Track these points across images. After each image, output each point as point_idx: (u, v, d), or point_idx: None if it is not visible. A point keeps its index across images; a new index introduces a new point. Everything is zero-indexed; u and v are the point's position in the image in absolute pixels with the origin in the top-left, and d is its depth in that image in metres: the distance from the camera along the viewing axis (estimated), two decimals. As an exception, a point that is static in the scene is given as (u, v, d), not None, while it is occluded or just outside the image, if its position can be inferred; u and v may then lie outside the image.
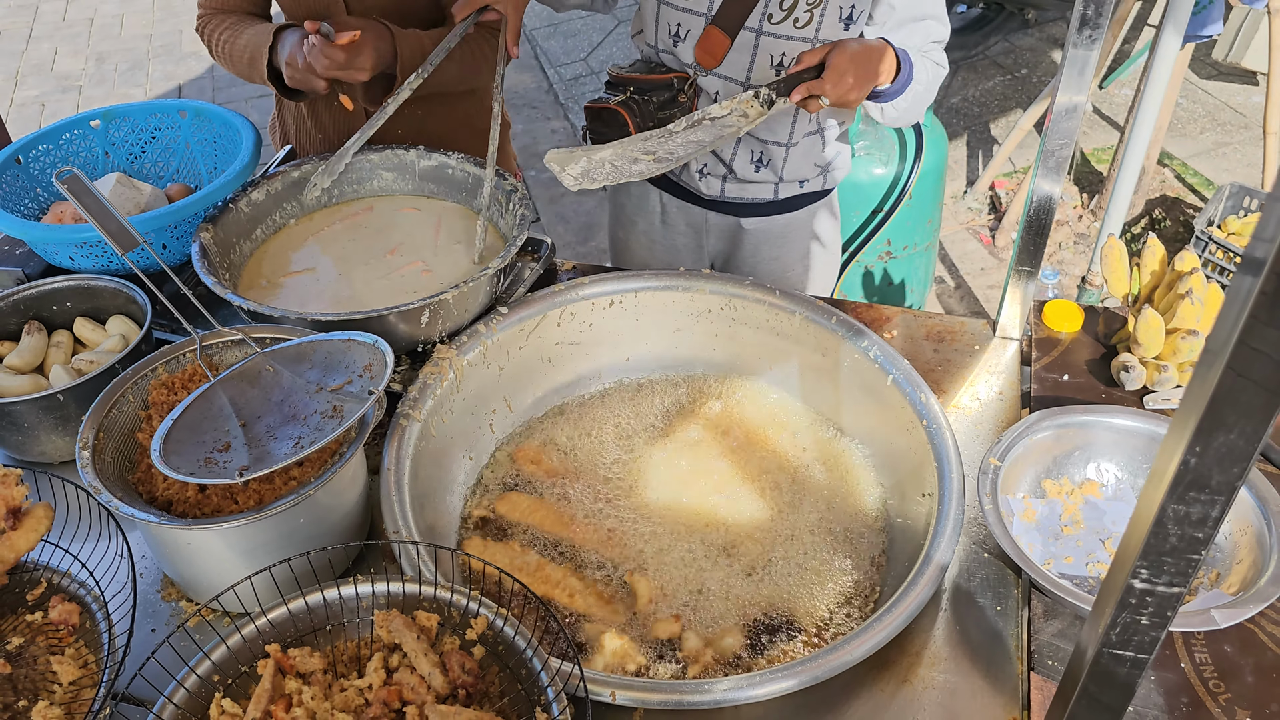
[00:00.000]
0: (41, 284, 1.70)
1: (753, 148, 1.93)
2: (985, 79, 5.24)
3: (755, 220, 2.06)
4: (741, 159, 1.95)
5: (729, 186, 2.00)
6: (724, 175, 1.99)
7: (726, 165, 1.97)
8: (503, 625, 1.20)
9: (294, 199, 1.87)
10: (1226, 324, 0.58)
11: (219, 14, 2.00)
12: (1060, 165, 1.55)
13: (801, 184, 2.01)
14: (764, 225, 2.07)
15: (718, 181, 2.00)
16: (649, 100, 1.87)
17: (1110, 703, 0.81)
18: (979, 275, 4.04)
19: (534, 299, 1.70)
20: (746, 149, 1.94)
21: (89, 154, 2.08)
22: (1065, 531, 1.41)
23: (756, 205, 2.04)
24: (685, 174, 2.04)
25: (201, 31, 2.02)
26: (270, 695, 1.15)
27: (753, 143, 1.92)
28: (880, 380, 1.57)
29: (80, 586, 1.35)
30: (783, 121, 1.89)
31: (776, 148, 1.93)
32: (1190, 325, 1.57)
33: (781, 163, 1.96)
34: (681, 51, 1.87)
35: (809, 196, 2.06)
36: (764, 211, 2.05)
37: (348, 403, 1.33)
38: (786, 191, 2.01)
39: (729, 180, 1.99)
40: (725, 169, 1.98)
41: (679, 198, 2.10)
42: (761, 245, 2.09)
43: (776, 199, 2.03)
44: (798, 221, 2.08)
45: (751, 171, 1.97)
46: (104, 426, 1.37)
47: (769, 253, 2.10)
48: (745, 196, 2.02)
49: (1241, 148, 4.61)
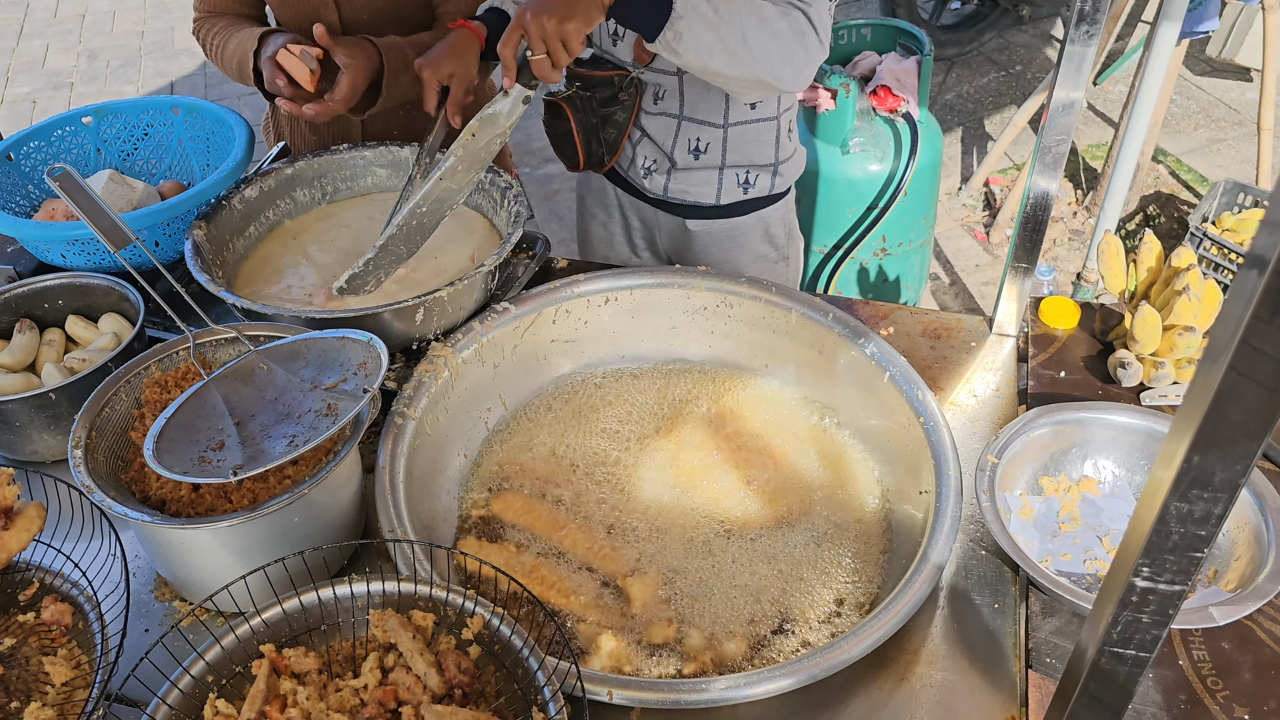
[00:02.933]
0: (33, 282, 1.69)
1: (689, 134, 1.90)
2: (980, 75, 5.24)
3: (700, 222, 2.02)
4: (680, 148, 1.92)
5: (671, 184, 1.96)
6: (668, 169, 1.95)
7: (668, 155, 1.94)
8: (499, 624, 1.20)
9: (288, 196, 1.86)
10: (1229, 323, 0.57)
11: (212, 16, 2.01)
12: (1057, 162, 1.55)
13: (745, 188, 1.96)
14: (710, 228, 2.02)
15: (661, 178, 1.97)
16: (592, 97, 1.87)
17: (1111, 702, 0.81)
18: (974, 272, 4.04)
19: (529, 296, 1.70)
20: (685, 136, 1.90)
21: (80, 151, 2.07)
22: (1063, 529, 1.40)
23: (700, 208, 1.99)
24: (631, 170, 2.01)
25: (197, 34, 2.03)
26: (265, 696, 1.14)
27: (689, 127, 1.89)
28: (877, 377, 1.57)
29: (73, 587, 1.34)
30: (709, 99, 1.85)
31: (712, 129, 1.87)
32: (1187, 322, 1.57)
33: (720, 150, 1.90)
34: (620, 50, 1.86)
35: (755, 202, 2.00)
36: (708, 215, 2.01)
37: (342, 401, 1.33)
38: (729, 196, 1.96)
39: (671, 175, 1.95)
40: (668, 161, 1.94)
41: (630, 194, 2.08)
42: (710, 247, 2.05)
43: (719, 204, 1.97)
44: (745, 225, 2.02)
45: (691, 160, 1.92)
46: (96, 425, 1.36)
47: (718, 255, 2.06)
48: (688, 197, 1.97)
49: (1236, 144, 4.62)
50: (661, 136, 1.92)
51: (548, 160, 4.75)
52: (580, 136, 1.91)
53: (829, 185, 3.27)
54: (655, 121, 1.91)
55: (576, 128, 1.89)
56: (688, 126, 1.89)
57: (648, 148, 1.95)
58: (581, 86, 1.88)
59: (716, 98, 1.85)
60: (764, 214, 2.03)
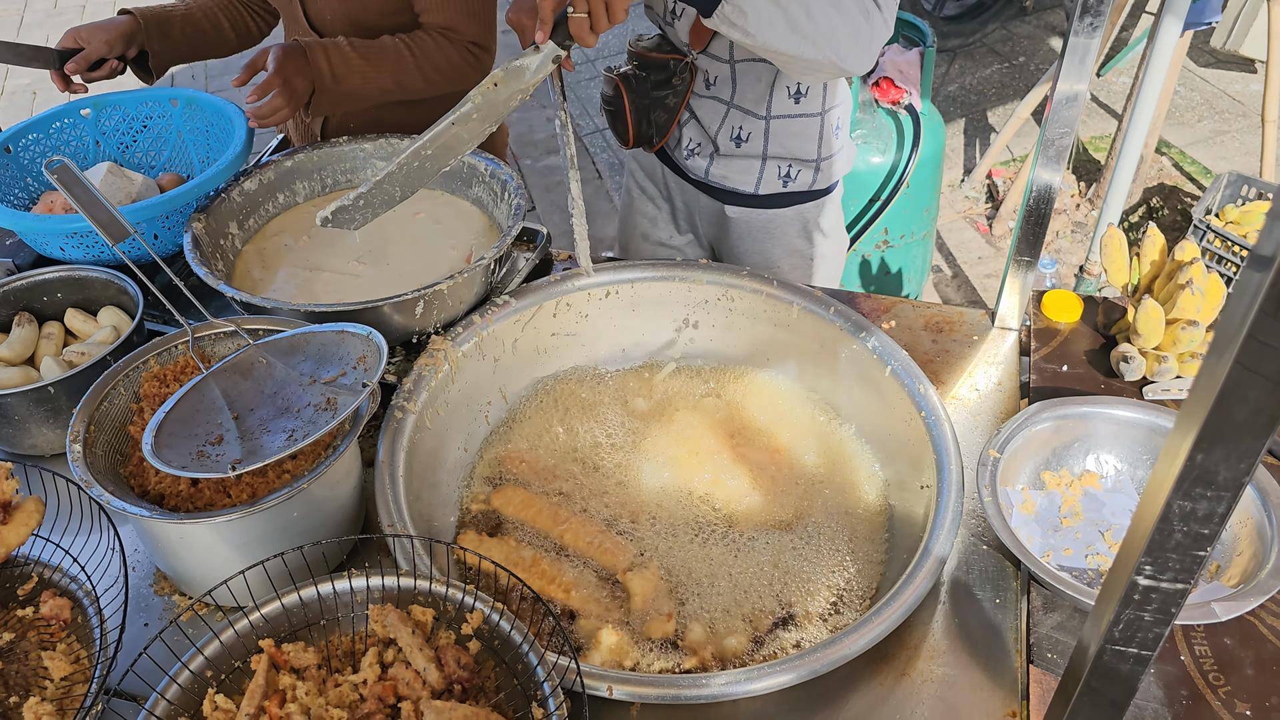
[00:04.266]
0: (32, 275, 1.68)
1: (734, 122, 1.91)
2: (983, 67, 5.22)
3: (738, 210, 2.02)
4: (725, 134, 1.93)
5: (713, 168, 1.98)
6: (710, 154, 1.97)
7: (711, 140, 1.95)
8: (499, 620, 1.19)
9: (287, 189, 1.86)
10: (1235, 318, 0.56)
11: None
12: (1060, 154, 1.54)
13: (785, 181, 1.95)
14: (747, 216, 2.02)
15: (703, 161, 1.99)
16: (647, 79, 1.89)
17: (1113, 699, 0.81)
18: (976, 264, 4.03)
19: (529, 289, 1.69)
20: (730, 123, 1.91)
21: (79, 143, 2.06)
22: (1064, 523, 1.40)
23: (739, 195, 2.00)
24: (677, 151, 2.03)
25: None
26: (264, 691, 1.14)
27: (735, 115, 1.90)
28: (879, 371, 1.56)
29: (72, 581, 1.34)
30: (758, 90, 1.85)
31: (755, 119, 1.88)
32: (1190, 315, 1.56)
33: (762, 140, 1.90)
34: (678, 30, 1.86)
35: (795, 196, 1.99)
36: (746, 203, 2.01)
37: (341, 395, 1.32)
38: (768, 187, 1.96)
39: (714, 160, 1.97)
40: (711, 145, 1.96)
41: (676, 174, 2.10)
42: (745, 236, 2.05)
43: (757, 193, 1.97)
44: (782, 219, 2.02)
45: (733, 148, 1.93)
46: (95, 419, 1.35)
47: (753, 245, 2.06)
48: (728, 183, 1.98)
49: (1240, 136, 4.60)
50: (709, 120, 1.93)
51: (549, 152, 4.73)
52: (632, 115, 1.93)
53: (831, 177, 3.25)
54: (704, 105, 1.92)
55: (630, 106, 1.91)
56: (734, 114, 1.90)
57: (693, 129, 1.97)
58: (638, 66, 1.89)
59: (763, 88, 1.84)
60: (803, 209, 2.02)
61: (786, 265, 2.08)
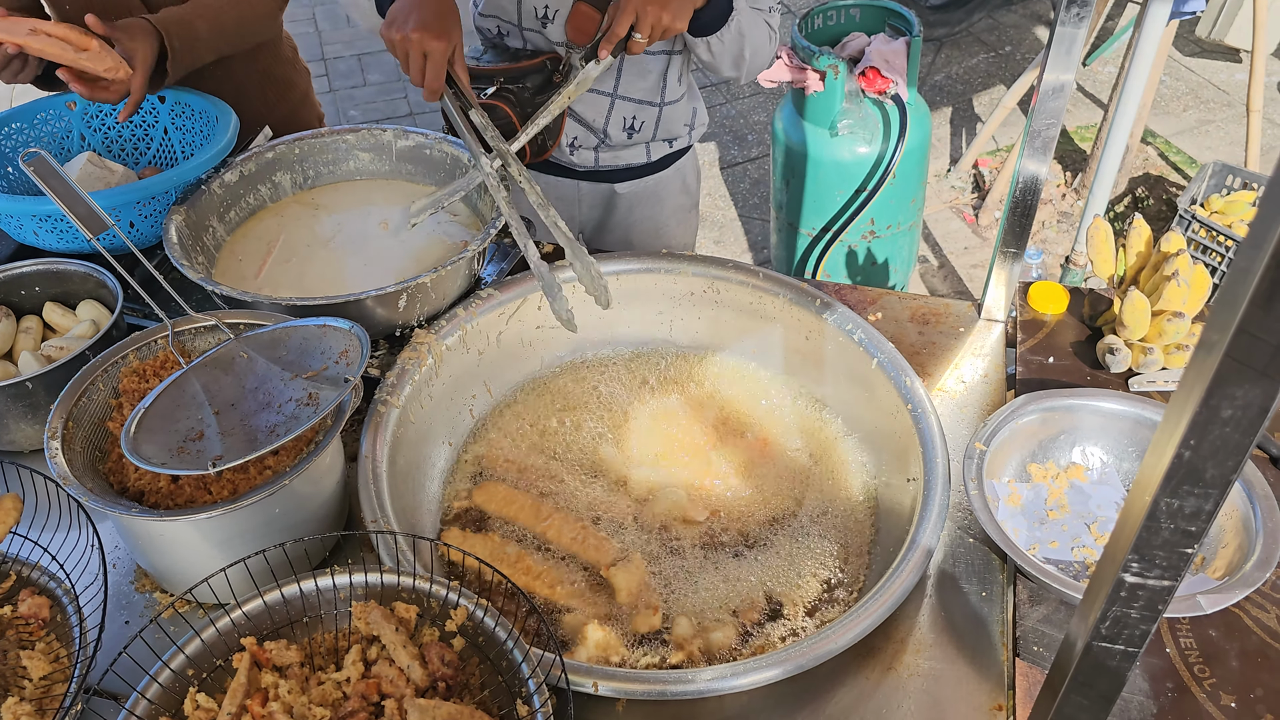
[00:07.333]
0: (9, 268, 1.66)
1: (625, 113, 1.93)
2: (969, 56, 5.21)
3: (628, 184, 2.10)
4: (614, 125, 1.96)
5: (603, 156, 2.02)
6: (596, 145, 2.01)
7: (599, 134, 1.97)
8: (483, 616, 1.18)
9: (268, 181, 1.84)
10: (1225, 311, 0.56)
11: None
12: (1047, 145, 1.53)
13: (671, 143, 2.06)
14: (637, 187, 2.11)
15: (590, 153, 2.02)
16: (524, 88, 1.84)
17: (1099, 694, 0.80)
18: (962, 254, 4.03)
19: (513, 282, 1.67)
20: (619, 115, 1.94)
21: (64, 135, 2.03)
22: (1050, 516, 1.40)
23: (630, 170, 2.08)
24: (556, 150, 2.02)
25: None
26: (246, 689, 1.13)
27: (626, 107, 1.92)
28: (865, 364, 1.56)
29: (50, 579, 1.32)
30: (649, 80, 1.92)
31: (649, 108, 1.96)
32: (1176, 307, 1.56)
33: (654, 126, 1.99)
34: (551, 32, 1.84)
35: (676, 154, 2.12)
36: (637, 175, 2.10)
37: (324, 389, 1.31)
38: (658, 152, 2.06)
39: (602, 149, 2.01)
40: (598, 139, 1.99)
41: (549, 174, 2.11)
42: (635, 207, 2.14)
43: (650, 160, 2.07)
44: (666, 179, 2.13)
45: (625, 139, 1.99)
46: (73, 415, 1.34)
47: (642, 213, 2.15)
48: (619, 164, 2.05)
49: (1224, 125, 4.61)
50: (591, 114, 1.95)
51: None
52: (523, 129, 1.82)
53: (817, 168, 3.25)
54: (583, 99, 1.93)
55: (518, 121, 1.82)
56: (622, 105, 1.93)
57: (571, 125, 1.99)
58: (506, 80, 1.83)
59: (655, 79, 1.92)
60: (681, 165, 2.15)
61: (674, 223, 2.19)
